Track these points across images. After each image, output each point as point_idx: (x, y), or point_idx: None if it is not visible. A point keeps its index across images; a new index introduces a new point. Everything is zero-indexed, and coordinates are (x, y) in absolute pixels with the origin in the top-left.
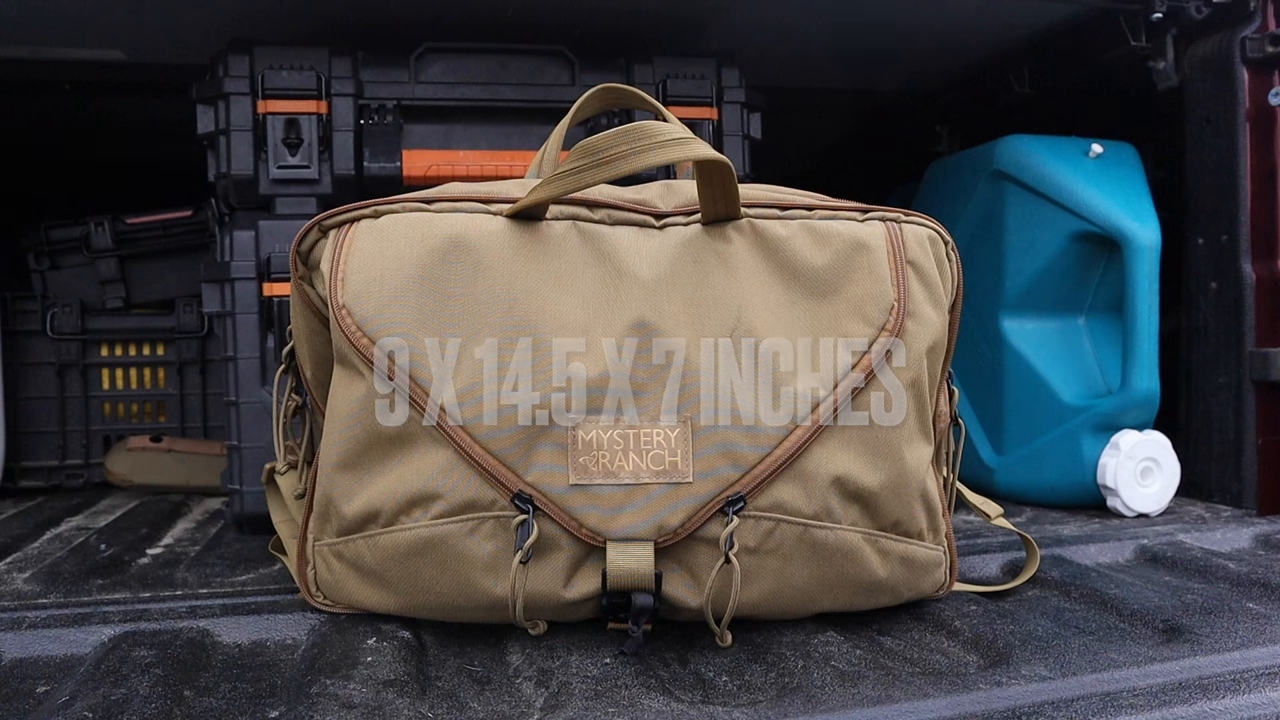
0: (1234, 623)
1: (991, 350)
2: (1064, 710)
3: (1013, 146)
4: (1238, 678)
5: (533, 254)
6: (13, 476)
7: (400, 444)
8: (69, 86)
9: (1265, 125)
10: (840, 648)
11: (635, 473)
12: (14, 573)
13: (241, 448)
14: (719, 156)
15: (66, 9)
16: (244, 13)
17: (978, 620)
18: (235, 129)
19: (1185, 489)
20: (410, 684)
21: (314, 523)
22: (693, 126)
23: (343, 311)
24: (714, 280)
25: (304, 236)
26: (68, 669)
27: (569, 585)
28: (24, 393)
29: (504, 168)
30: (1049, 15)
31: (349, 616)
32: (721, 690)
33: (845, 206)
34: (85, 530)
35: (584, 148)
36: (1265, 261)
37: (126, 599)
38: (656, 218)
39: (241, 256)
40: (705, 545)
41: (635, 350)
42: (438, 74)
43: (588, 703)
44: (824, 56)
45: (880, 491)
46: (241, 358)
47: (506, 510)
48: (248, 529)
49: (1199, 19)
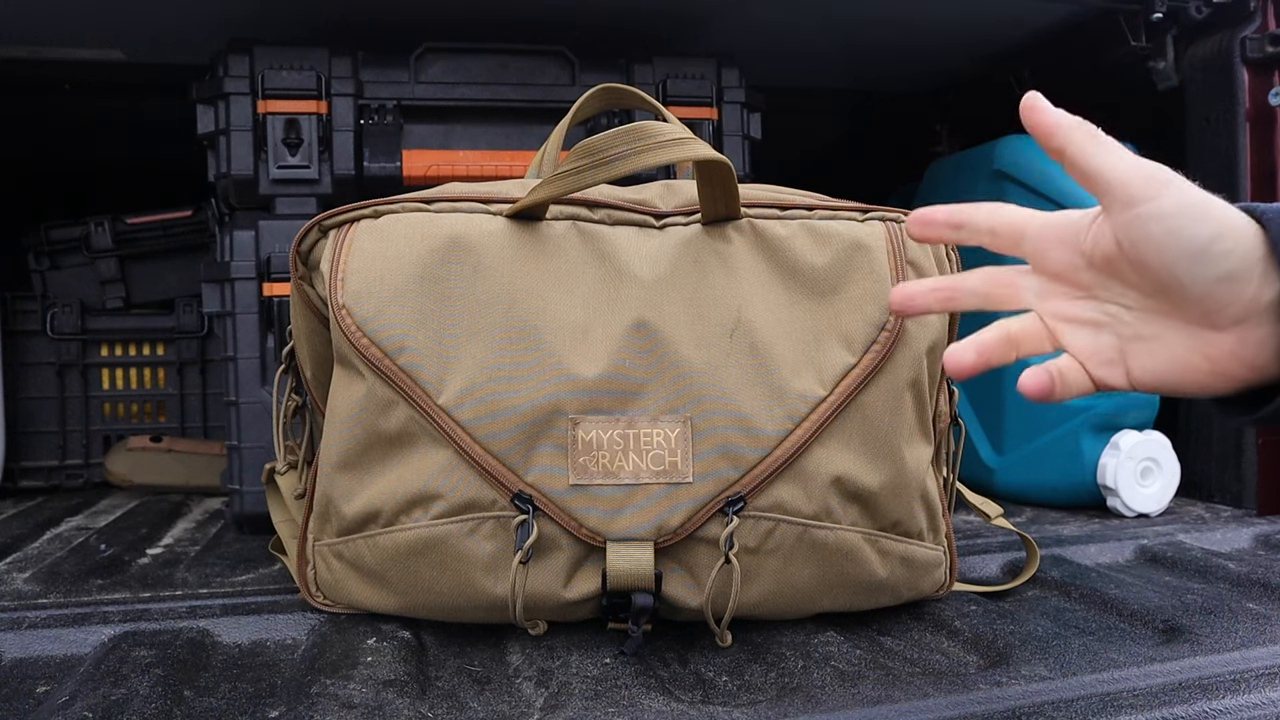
0: (1234, 623)
1: None
2: (1064, 710)
3: (1013, 146)
4: (1238, 678)
5: (533, 254)
6: (13, 476)
7: (400, 444)
8: (69, 86)
9: (1265, 125)
10: (840, 648)
11: (635, 473)
12: (14, 573)
13: (241, 448)
14: (719, 156)
15: (66, 9)
16: (244, 13)
17: (978, 620)
18: (235, 129)
19: (1185, 489)
20: (410, 684)
21: (314, 523)
22: (693, 126)
23: (343, 311)
24: (714, 280)
25: (304, 236)
26: (68, 669)
27: (569, 585)
28: (24, 393)
29: (504, 168)
30: (1049, 15)
31: (349, 616)
32: (721, 690)
33: (845, 206)
34: (85, 530)
35: (584, 148)
36: None
37: (126, 599)
38: (656, 218)
39: (241, 256)
40: (705, 545)
41: (635, 350)
42: (438, 74)
43: (588, 703)
44: (824, 56)
45: (880, 491)
46: (241, 358)
47: (506, 510)
48: (248, 529)
49: (1199, 19)
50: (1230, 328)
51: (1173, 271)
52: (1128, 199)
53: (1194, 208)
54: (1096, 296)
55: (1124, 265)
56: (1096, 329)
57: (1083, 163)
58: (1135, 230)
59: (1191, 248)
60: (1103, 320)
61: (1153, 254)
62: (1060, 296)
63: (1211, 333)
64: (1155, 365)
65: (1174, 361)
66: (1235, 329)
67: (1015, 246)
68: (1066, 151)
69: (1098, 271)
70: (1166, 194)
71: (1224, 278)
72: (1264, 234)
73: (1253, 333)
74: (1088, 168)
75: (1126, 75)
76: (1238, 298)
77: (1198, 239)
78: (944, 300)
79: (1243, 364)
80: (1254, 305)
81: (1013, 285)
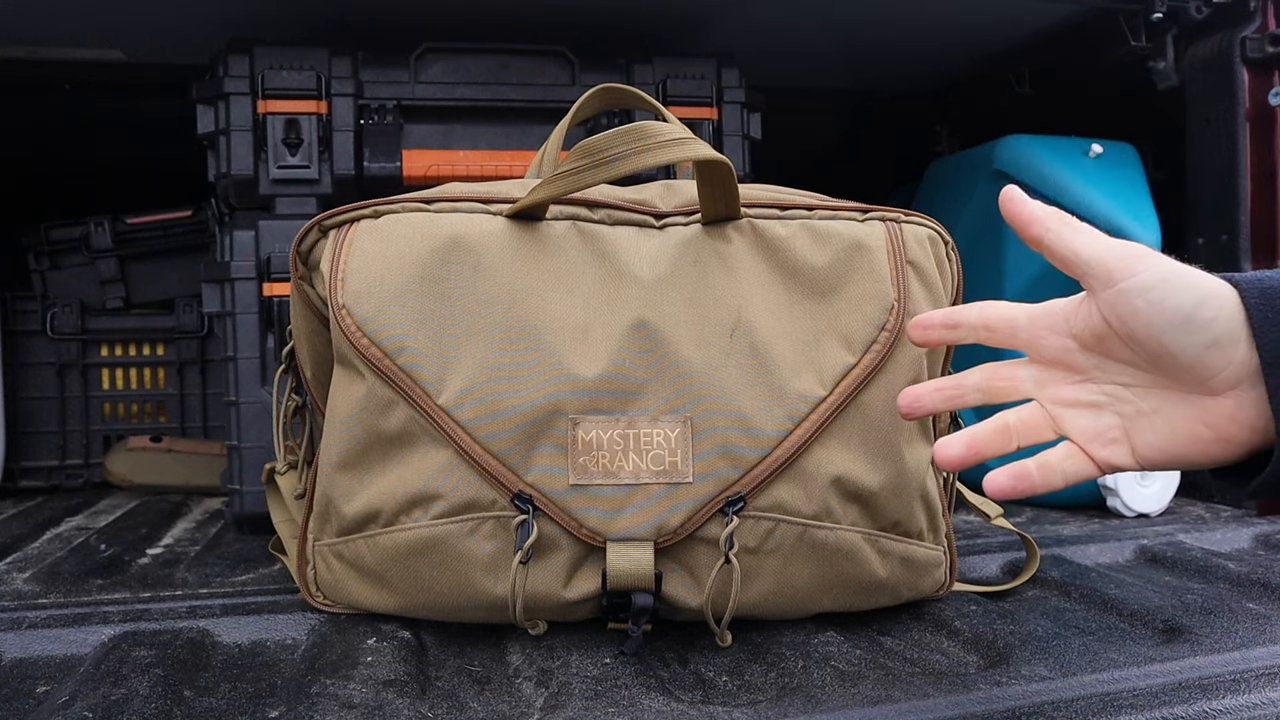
0: (1234, 623)
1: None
2: (1064, 710)
3: (1013, 146)
4: (1238, 678)
5: (533, 254)
6: (13, 476)
7: (400, 444)
8: (69, 86)
9: (1265, 125)
10: (840, 648)
11: (635, 473)
12: (14, 573)
13: (241, 448)
14: (719, 156)
15: (66, 9)
16: (244, 13)
17: (978, 620)
18: (235, 129)
19: (1185, 489)
20: (410, 684)
21: (314, 523)
22: (693, 126)
23: (343, 311)
24: (714, 280)
25: (304, 236)
26: (68, 669)
27: (569, 585)
28: (24, 393)
29: (504, 168)
30: (1049, 15)
31: (349, 616)
32: (721, 690)
33: (845, 206)
34: (85, 530)
35: (584, 148)
36: (1265, 261)
37: (126, 599)
38: (656, 218)
39: (241, 256)
40: (705, 545)
41: (635, 350)
42: (438, 74)
43: (588, 703)
44: (824, 56)
45: (880, 492)
46: (241, 358)
47: (506, 510)
48: (248, 529)
49: (1199, 19)
50: (1227, 392)
51: (1161, 342)
52: (1108, 277)
53: (1173, 278)
54: (1094, 379)
55: (1115, 342)
56: (1097, 411)
57: (1061, 247)
58: (1120, 306)
59: (1176, 317)
60: (1102, 401)
61: (1140, 327)
62: (1058, 382)
63: (1209, 399)
64: (1159, 439)
65: (1177, 432)
66: (1232, 393)
67: (1011, 338)
68: (1045, 240)
69: (1091, 352)
70: (1144, 268)
71: (1212, 343)
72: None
73: (1248, 394)
74: (1066, 251)
75: (1126, 75)
76: (1229, 361)
77: (1181, 308)
78: (950, 399)
79: (1243, 427)
80: (1245, 368)
81: (1012, 378)
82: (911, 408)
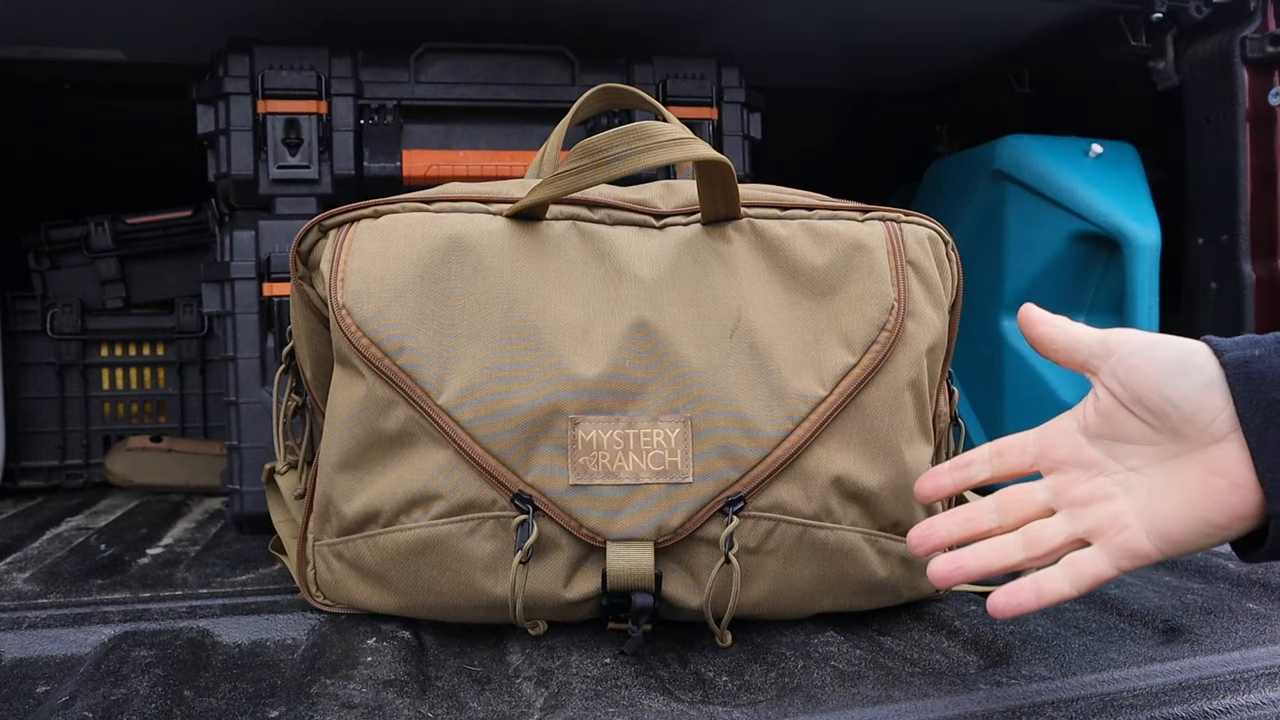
0: (1234, 623)
1: (991, 350)
2: (1064, 710)
3: (1013, 146)
4: (1238, 678)
5: (533, 254)
6: (13, 476)
7: (400, 444)
8: (69, 86)
9: (1265, 125)
10: (840, 648)
11: (635, 473)
12: (14, 573)
13: (241, 448)
14: (719, 156)
15: (66, 9)
16: (244, 13)
17: (978, 620)
18: (235, 129)
19: None
20: (410, 684)
21: (314, 523)
22: (693, 126)
23: (343, 311)
24: (714, 280)
25: (304, 236)
26: (68, 669)
27: (569, 585)
28: (24, 393)
29: (504, 168)
30: (1049, 15)
31: (349, 616)
32: (721, 690)
33: (845, 206)
34: (85, 530)
35: (584, 148)
36: (1265, 261)
37: (126, 599)
38: (656, 218)
39: (241, 256)
40: (705, 545)
41: (635, 350)
42: (438, 74)
43: (588, 703)
44: (824, 56)
45: (880, 492)
46: (241, 358)
47: (506, 510)
48: (248, 529)
49: (1199, 19)
50: (1230, 434)
51: (1162, 392)
52: (1105, 351)
53: (1159, 339)
54: (1105, 471)
55: (1122, 415)
56: (1109, 501)
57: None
58: (1121, 370)
59: (1170, 365)
60: (1114, 492)
61: (1141, 382)
62: (1071, 485)
63: (1215, 447)
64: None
65: (1190, 491)
66: (1235, 433)
67: (1022, 455)
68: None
69: (1100, 439)
70: (1129, 337)
71: (1206, 384)
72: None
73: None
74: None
75: (1126, 75)
76: (1227, 402)
77: (1174, 357)
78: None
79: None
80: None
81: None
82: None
